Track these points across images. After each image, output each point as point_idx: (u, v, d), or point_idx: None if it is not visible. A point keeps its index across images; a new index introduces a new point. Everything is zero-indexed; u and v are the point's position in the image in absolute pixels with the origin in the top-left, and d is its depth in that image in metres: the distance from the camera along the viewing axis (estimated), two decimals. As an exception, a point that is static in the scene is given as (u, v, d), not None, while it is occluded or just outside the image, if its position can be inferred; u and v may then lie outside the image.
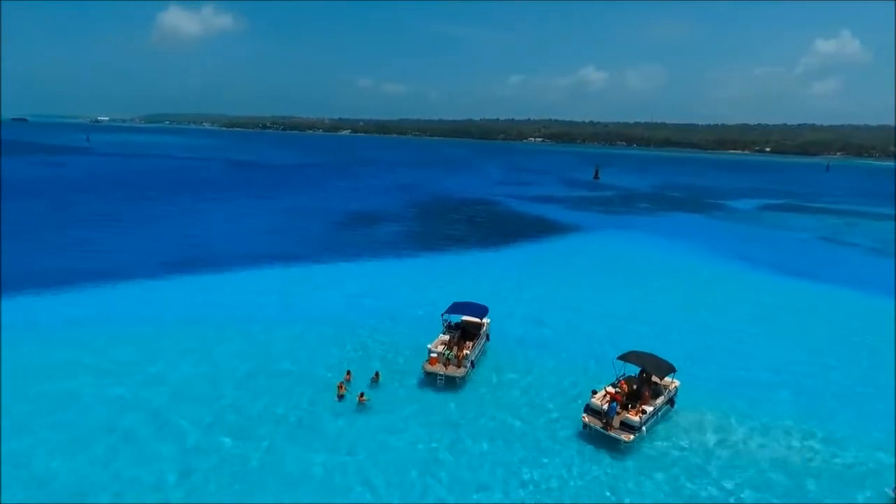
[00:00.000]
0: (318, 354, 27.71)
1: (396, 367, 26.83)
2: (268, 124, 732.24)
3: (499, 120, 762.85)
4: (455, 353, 25.63)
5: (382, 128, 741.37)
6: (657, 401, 22.46)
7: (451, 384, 24.97)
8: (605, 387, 23.02)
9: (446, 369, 24.96)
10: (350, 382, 24.41)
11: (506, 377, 26.55)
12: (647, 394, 22.41)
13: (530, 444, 21.04)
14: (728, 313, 38.01)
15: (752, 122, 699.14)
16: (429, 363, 25.37)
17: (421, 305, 35.21)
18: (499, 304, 33.37)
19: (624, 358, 23.54)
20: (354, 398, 22.99)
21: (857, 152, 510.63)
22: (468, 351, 26.14)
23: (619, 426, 20.96)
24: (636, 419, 20.87)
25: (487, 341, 29.36)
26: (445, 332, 27.85)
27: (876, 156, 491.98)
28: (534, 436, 21.59)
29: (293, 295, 37.82)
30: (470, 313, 28.08)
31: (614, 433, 20.75)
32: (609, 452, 20.56)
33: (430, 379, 25.20)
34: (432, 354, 25.66)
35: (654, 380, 23.43)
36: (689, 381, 24.68)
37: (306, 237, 59.67)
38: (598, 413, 21.61)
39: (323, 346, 28.87)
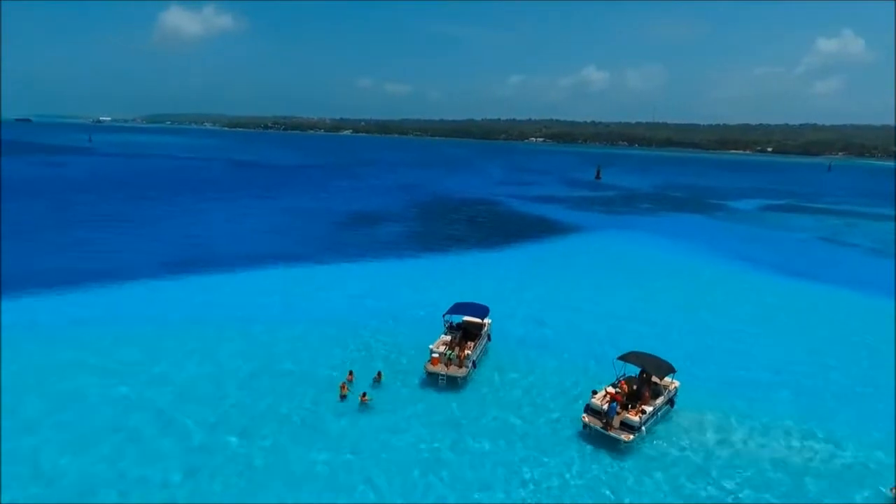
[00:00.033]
0: (320, 354, 27.89)
1: (398, 367, 26.99)
2: (269, 124, 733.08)
3: (500, 120, 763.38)
4: (457, 353, 25.81)
5: (384, 128, 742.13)
6: (657, 401, 22.60)
7: (453, 384, 25.13)
8: (606, 387, 23.17)
9: (448, 369, 25.13)
10: (352, 382, 24.59)
11: (507, 377, 26.70)
12: (647, 394, 22.55)
13: (531, 443, 21.19)
14: (728, 313, 38.12)
15: (753, 122, 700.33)
16: (431, 363, 25.54)
17: (422, 306, 35.36)
18: (500, 304, 33.53)
19: (624, 358, 23.69)
20: (357, 398, 23.18)
21: (859, 152, 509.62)
22: (470, 351, 26.32)
23: (619, 426, 21.11)
24: (636, 419, 21.02)
25: (489, 341, 29.52)
26: (447, 332, 28.00)
27: (878, 156, 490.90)
28: (535, 435, 21.74)
29: (295, 295, 37.99)
30: (471, 314, 28.21)
31: (614, 433, 20.89)
32: (609, 452, 20.70)
33: (431, 379, 25.37)
34: (434, 355, 25.83)
35: (654, 380, 23.58)
36: (689, 381, 24.83)
37: (308, 237, 59.80)
38: (598, 413, 21.76)
39: (325, 346, 29.04)
